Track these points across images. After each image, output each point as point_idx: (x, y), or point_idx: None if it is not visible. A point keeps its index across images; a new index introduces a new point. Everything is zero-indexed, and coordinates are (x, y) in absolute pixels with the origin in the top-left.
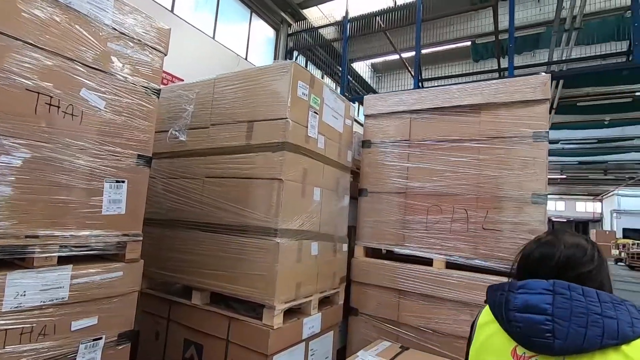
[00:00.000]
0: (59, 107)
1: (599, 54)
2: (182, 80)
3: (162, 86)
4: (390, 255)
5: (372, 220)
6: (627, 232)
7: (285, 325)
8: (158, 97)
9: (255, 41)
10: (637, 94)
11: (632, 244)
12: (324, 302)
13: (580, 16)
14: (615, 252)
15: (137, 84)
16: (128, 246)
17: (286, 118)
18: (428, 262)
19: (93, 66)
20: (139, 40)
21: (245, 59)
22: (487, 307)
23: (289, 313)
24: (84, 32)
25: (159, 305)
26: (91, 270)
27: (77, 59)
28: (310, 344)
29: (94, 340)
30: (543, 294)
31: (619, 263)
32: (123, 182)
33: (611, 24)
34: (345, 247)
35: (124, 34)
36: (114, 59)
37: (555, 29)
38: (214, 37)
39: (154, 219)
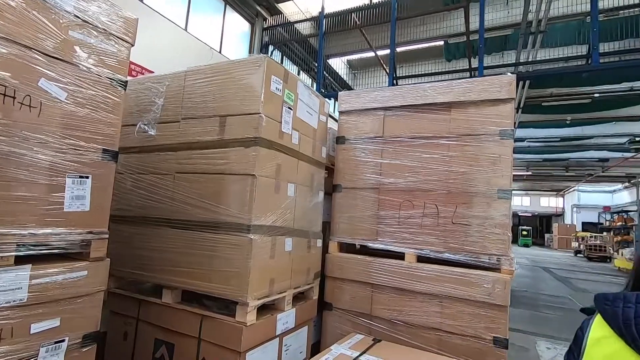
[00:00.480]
0: (14, 97)
1: (561, 56)
2: (153, 73)
3: (130, 78)
4: (364, 250)
5: (346, 215)
6: (586, 226)
7: (258, 321)
8: (125, 89)
9: (229, 35)
10: (595, 95)
11: (590, 237)
12: (298, 297)
13: (545, 20)
14: (575, 244)
15: (101, 75)
16: (93, 244)
17: (259, 113)
18: (400, 256)
19: (53, 55)
20: (104, 29)
21: (220, 52)
22: (598, 319)
23: (263, 309)
24: (43, 19)
25: (128, 305)
26: (52, 270)
27: (36, 48)
28: (284, 339)
29: (56, 342)
30: None
31: (579, 255)
32: (87, 177)
33: (573, 28)
34: (319, 242)
35: (87, 22)
36: (76, 48)
37: (522, 32)
38: (186, 29)
39: (123, 216)
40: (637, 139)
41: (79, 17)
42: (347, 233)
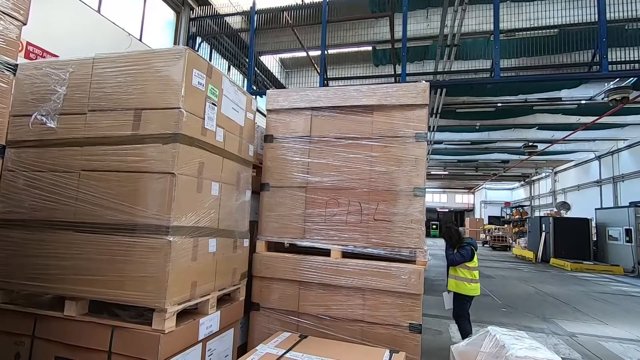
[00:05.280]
0: None
1: (471, 68)
2: (58, 57)
3: (25, 61)
4: (291, 249)
5: (274, 214)
6: (491, 219)
7: (178, 327)
8: (14, 74)
9: (152, 22)
10: (498, 104)
11: (494, 229)
12: (224, 299)
13: (458, 35)
14: (482, 235)
15: None
16: None
17: (179, 108)
18: (327, 253)
19: None
20: None
21: (140, 40)
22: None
23: (184, 314)
24: None
25: (20, 322)
26: None
27: None
28: (207, 344)
29: None
30: None
31: (485, 245)
32: None
33: (480, 44)
34: (246, 242)
35: None
36: None
37: (440, 44)
38: (99, 11)
39: (14, 219)
40: (530, 144)
41: None
42: (275, 232)
